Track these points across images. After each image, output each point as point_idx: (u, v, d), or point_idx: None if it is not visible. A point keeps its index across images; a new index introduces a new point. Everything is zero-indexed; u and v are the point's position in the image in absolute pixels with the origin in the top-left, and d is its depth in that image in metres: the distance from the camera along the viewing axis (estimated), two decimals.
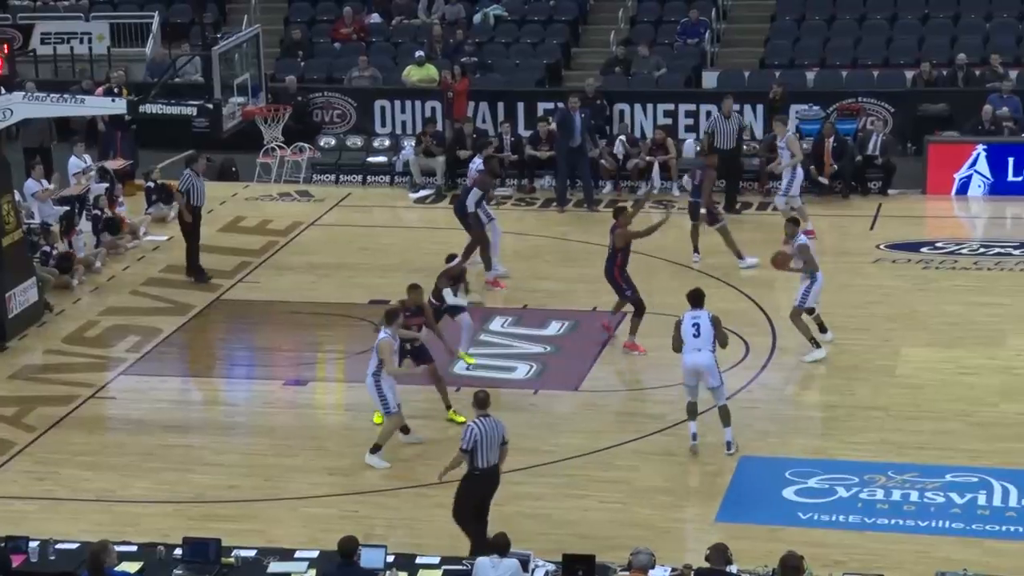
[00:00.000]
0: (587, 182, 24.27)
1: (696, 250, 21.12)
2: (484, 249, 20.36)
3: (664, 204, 23.53)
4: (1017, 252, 21.32)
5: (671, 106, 26.37)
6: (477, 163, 21.66)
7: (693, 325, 15.32)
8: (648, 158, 24.80)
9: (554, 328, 18.92)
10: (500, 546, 11.76)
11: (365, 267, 21.22)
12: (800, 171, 22.11)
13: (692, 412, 15.44)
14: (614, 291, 18.34)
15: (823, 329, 18.04)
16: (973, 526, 13.82)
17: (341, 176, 25.97)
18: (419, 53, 27.72)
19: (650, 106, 26.34)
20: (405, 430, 15.58)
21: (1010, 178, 24.08)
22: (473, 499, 13.13)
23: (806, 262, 17.72)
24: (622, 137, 25.26)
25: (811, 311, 17.98)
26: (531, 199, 24.80)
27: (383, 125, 27.12)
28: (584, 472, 15.10)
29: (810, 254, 17.76)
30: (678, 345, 15.46)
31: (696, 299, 15.61)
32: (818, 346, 17.80)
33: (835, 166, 24.06)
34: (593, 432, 15.95)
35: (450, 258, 17.67)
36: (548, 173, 24.98)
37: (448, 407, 16.21)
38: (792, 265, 17.90)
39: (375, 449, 15.20)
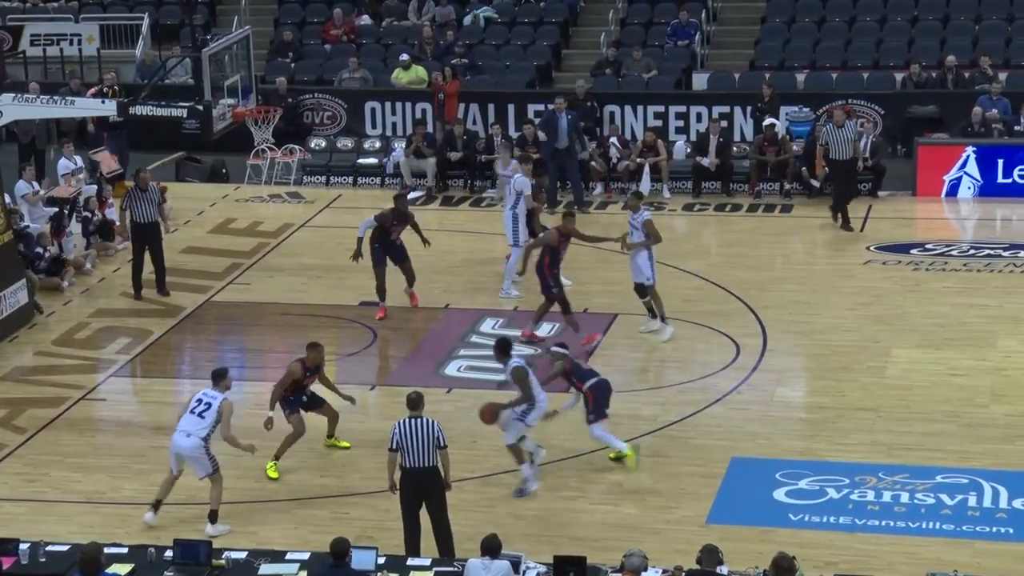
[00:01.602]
0: (576, 184, 24.27)
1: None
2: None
3: (655, 205, 23.63)
4: (1007, 254, 21.36)
5: (661, 108, 26.38)
6: (517, 178, 20.26)
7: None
8: (639, 160, 24.82)
9: (545, 329, 18.91)
10: (491, 548, 11.77)
11: (356, 269, 21.15)
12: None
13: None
14: (540, 286, 18.32)
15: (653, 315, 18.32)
16: (963, 527, 13.85)
17: (332, 178, 25.96)
18: (403, 56, 27.69)
19: (640, 108, 26.35)
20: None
21: (999, 180, 24.13)
22: (405, 498, 13.13)
23: (649, 235, 18.23)
24: (615, 139, 25.27)
25: (644, 294, 18.28)
26: None
27: (373, 127, 27.13)
28: (575, 474, 15.11)
29: (654, 228, 18.34)
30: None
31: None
32: (664, 322, 18.24)
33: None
34: (584, 433, 15.82)
35: None
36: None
37: (330, 436, 15.80)
38: (630, 241, 18.30)
39: (212, 517, 14.11)
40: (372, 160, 26.06)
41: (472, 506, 14.47)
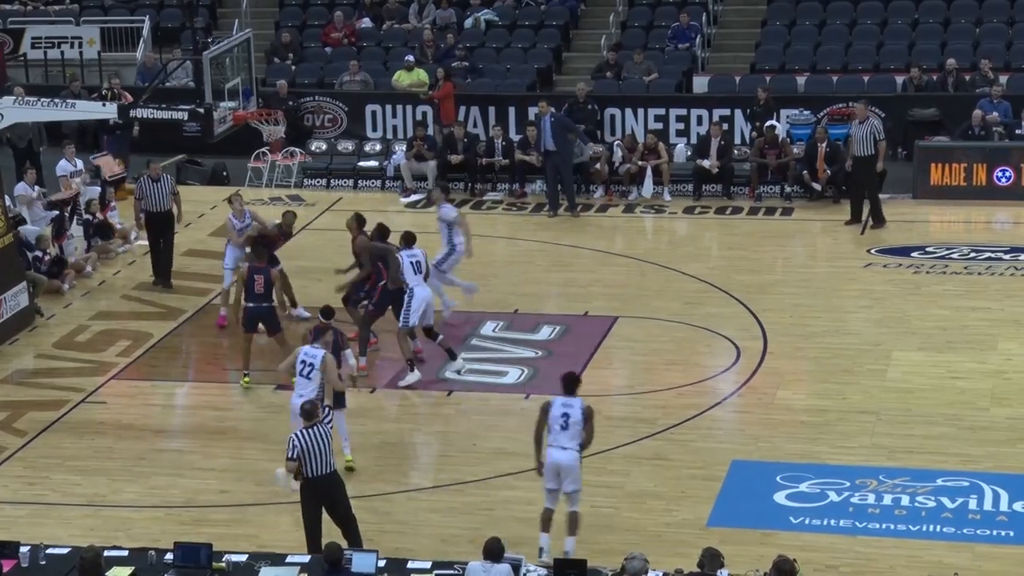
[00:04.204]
0: (568, 186, 24.19)
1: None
2: None
3: (656, 208, 23.65)
4: (1008, 257, 21.35)
5: (662, 111, 26.36)
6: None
7: (562, 416, 13.39)
8: (640, 163, 24.81)
9: (545, 333, 18.92)
10: (493, 551, 11.74)
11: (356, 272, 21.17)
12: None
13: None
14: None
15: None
16: (964, 530, 13.83)
17: (332, 181, 25.96)
18: (409, 57, 27.72)
19: (641, 111, 26.32)
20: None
21: (1000, 183, 24.13)
22: (309, 506, 13.12)
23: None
24: (619, 142, 25.26)
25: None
26: (522, 204, 24.78)
27: (374, 130, 27.13)
28: None
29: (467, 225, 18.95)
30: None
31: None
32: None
33: (828, 171, 24.09)
34: None
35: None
36: (540, 178, 24.93)
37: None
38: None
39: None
40: (373, 163, 26.07)
41: (473, 508, 14.47)
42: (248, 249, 18.62)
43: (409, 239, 17.84)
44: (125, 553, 12.49)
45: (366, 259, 18.07)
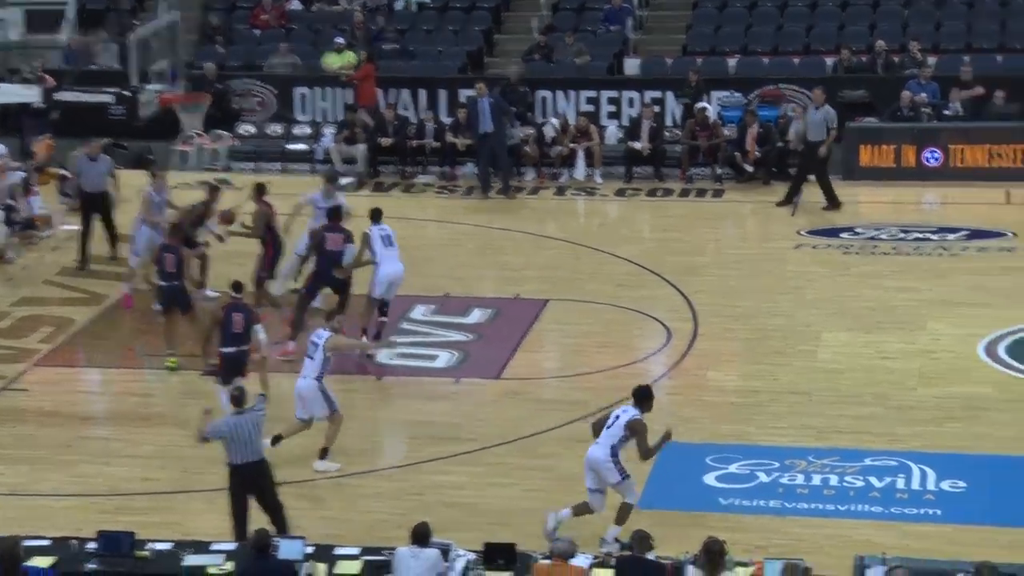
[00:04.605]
0: (504, 168, 24.14)
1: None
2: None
3: (587, 191, 23.64)
4: (936, 237, 21.49)
5: (593, 93, 26.32)
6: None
7: (614, 416, 13.31)
8: (571, 145, 24.76)
9: (476, 316, 18.83)
10: (421, 536, 11.65)
11: (283, 255, 20.91)
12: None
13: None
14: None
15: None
16: (892, 509, 13.89)
17: (260, 164, 25.73)
18: (339, 39, 27.47)
19: (572, 93, 26.27)
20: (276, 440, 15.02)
21: (929, 164, 24.27)
22: (237, 494, 13.00)
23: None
24: (554, 120, 25.20)
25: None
26: (453, 187, 24.68)
27: (303, 112, 26.93)
28: (506, 460, 15.03)
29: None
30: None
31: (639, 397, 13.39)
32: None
33: (759, 153, 24.14)
34: (515, 420, 15.88)
35: None
36: (471, 160, 24.82)
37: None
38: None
39: (323, 454, 14.95)
40: (302, 146, 25.91)
41: (402, 494, 14.36)
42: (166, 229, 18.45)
43: (376, 214, 17.89)
44: (47, 543, 12.27)
45: (259, 226, 18.38)
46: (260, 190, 18.78)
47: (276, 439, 14.80)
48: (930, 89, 25.24)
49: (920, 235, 21.56)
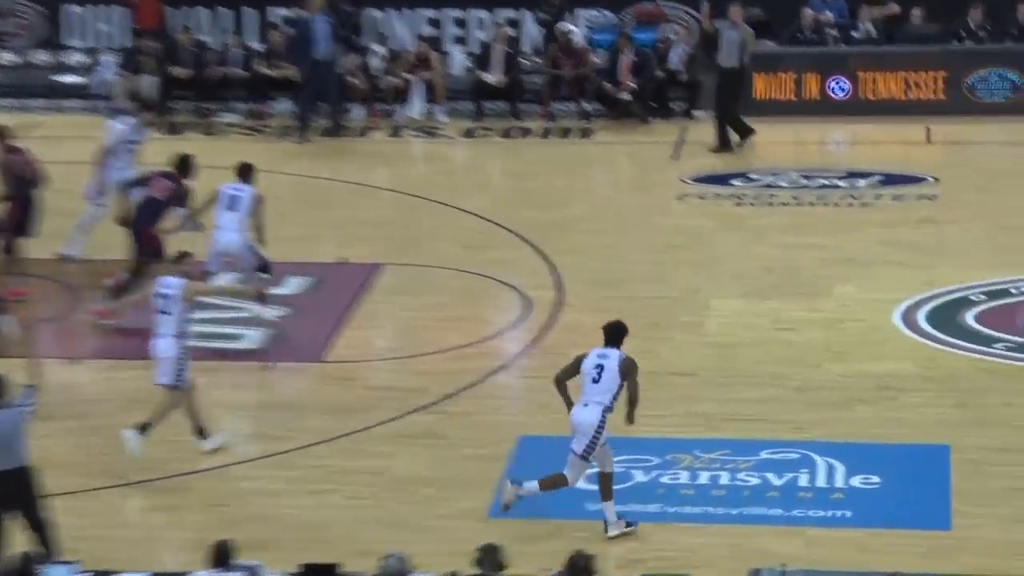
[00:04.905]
0: (335, 103, 24.08)
1: None
2: None
3: (427, 131, 23.54)
4: (843, 184, 21.80)
5: (434, 12, 26.32)
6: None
7: (596, 367, 13.62)
8: (407, 76, 24.73)
9: (293, 286, 18.76)
10: (221, 556, 11.52)
11: (61, 214, 20.49)
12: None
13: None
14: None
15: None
16: (794, 512, 14.01)
17: (25, 100, 25.53)
18: None
19: (409, 12, 26.30)
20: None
21: (835, 96, 24.57)
22: None
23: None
24: (377, 47, 25.17)
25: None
26: (263, 127, 24.62)
27: (77, 37, 26.69)
28: (328, 462, 14.97)
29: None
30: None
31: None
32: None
33: (634, 84, 24.27)
34: (339, 412, 15.84)
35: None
36: (285, 95, 24.67)
37: None
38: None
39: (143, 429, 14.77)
40: (75, 78, 25.77)
41: (200, 505, 14.25)
42: None
43: (244, 171, 17.83)
44: None
45: (10, 180, 18.23)
46: (2, 133, 18.52)
47: (144, 427, 14.68)
48: (836, 7, 25.57)
49: (825, 181, 21.87)
